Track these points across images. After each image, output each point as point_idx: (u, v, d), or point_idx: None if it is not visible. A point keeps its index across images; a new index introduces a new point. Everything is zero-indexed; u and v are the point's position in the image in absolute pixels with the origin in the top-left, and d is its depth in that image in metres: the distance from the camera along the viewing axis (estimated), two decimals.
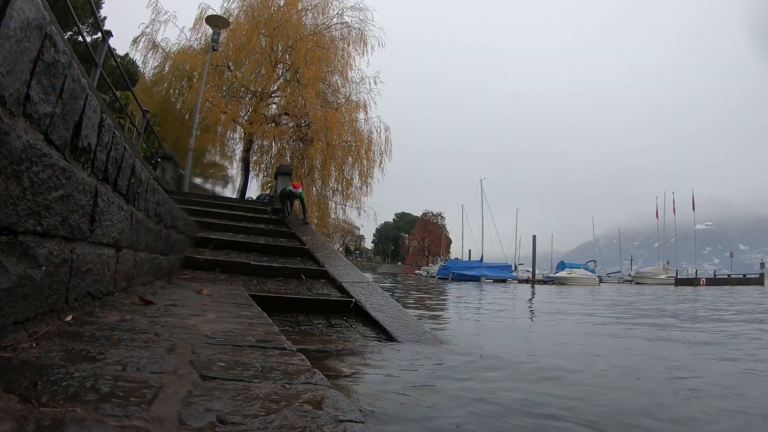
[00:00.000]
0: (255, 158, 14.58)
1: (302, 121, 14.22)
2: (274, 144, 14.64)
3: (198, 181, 16.80)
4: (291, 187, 8.27)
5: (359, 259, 61.55)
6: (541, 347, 4.16)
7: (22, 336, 1.12)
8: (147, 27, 13.31)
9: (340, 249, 42.39)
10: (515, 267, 39.51)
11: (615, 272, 46.68)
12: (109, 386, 0.88)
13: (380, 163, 14.69)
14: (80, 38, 6.50)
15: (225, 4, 14.32)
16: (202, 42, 13.87)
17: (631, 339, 4.82)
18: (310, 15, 14.42)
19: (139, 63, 13.69)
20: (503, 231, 46.34)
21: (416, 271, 50.51)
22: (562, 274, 31.98)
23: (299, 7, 14.11)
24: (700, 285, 31.48)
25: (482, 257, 39.76)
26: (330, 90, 14.78)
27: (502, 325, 6.02)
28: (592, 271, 36.22)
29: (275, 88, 14.65)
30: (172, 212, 3.69)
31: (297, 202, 8.73)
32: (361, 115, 14.65)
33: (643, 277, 36.83)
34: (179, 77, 13.69)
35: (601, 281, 33.98)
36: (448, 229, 66.50)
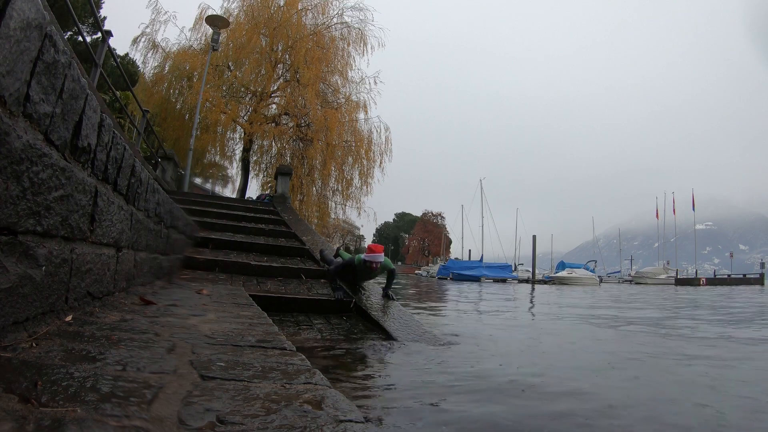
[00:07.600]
0: (255, 158, 14.60)
1: (302, 121, 14.24)
2: (274, 144, 14.66)
3: (198, 181, 16.82)
4: (364, 256, 4.37)
5: None
6: (544, 349, 4.15)
7: (22, 336, 1.12)
8: (147, 27, 13.37)
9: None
10: (515, 267, 39.46)
11: (615, 272, 46.66)
12: (109, 386, 0.88)
13: (380, 163, 14.76)
14: (80, 38, 6.50)
15: (225, 4, 14.38)
16: (202, 42, 13.89)
17: None
18: (310, 15, 14.46)
19: (139, 63, 13.73)
20: (503, 231, 46.40)
21: (416, 271, 50.46)
22: (563, 274, 31.94)
23: (299, 7, 14.13)
24: (700, 285, 31.46)
25: (482, 257, 39.76)
26: (330, 90, 14.81)
27: (502, 323, 6.01)
28: (593, 271, 36.19)
29: (275, 88, 14.66)
30: (172, 212, 3.69)
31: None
32: (361, 115, 14.71)
33: (644, 277, 36.82)
34: (179, 77, 13.72)
35: (601, 281, 33.96)
36: (448, 229, 66.45)
